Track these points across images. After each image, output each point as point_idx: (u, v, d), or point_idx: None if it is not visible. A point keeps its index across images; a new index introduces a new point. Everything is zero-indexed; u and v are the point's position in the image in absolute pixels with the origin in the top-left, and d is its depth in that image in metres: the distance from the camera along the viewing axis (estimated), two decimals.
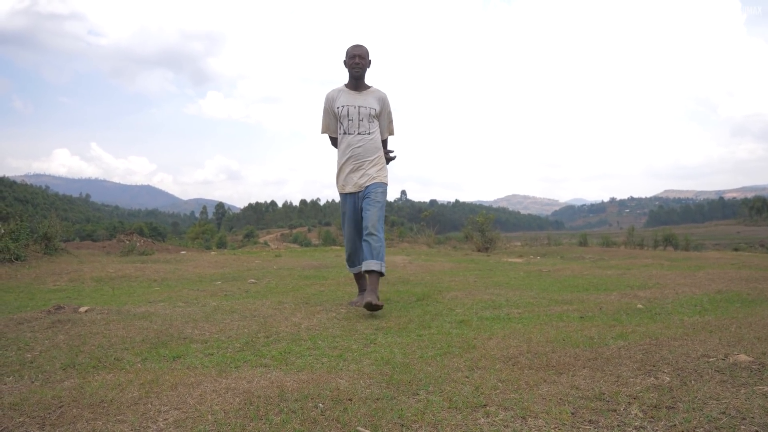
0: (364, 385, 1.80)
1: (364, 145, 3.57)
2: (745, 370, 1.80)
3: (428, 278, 5.49)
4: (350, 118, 3.57)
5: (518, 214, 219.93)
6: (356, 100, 3.60)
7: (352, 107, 3.59)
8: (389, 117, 3.78)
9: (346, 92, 3.64)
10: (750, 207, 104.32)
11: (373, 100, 3.64)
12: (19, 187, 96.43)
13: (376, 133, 3.64)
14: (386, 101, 3.72)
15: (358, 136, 3.57)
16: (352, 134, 3.57)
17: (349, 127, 3.58)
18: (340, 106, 3.60)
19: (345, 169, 3.60)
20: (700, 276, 4.86)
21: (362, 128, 3.58)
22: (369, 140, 3.59)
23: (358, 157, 3.57)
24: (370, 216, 3.47)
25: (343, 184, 3.62)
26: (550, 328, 2.69)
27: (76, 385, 1.84)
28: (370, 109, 3.61)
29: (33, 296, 4.37)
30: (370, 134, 3.60)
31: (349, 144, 3.58)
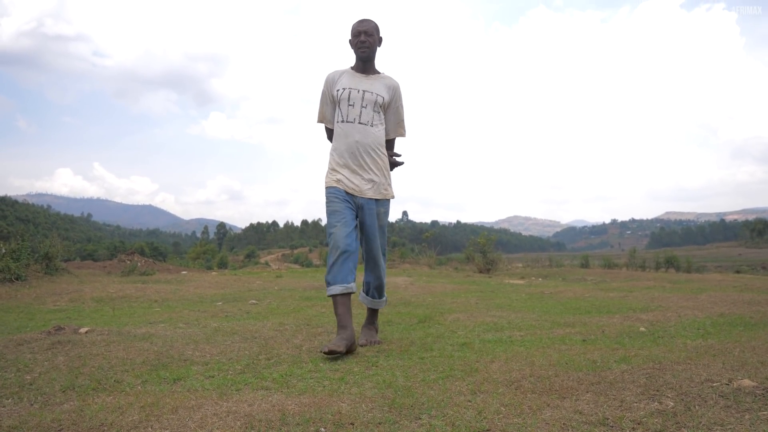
0: (366, 409, 1.78)
1: (366, 140, 2.95)
2: (749, 395, 1.78)
3: (430, 300, 5.48)
4: (351, 103, 2.97)
5: (520, 236, 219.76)
6: (361, 84, 3.01)
7: (355, 91, 2.98)
8: (399, 112, 3.15)
9: (351, 74, 3.06)
10: (751, 229, 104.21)
11: (381, 86, 3.04)
12: (21, 206, 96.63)
13: (381, 128, 3.03)
14: (398, 91, 3.11)
15: (359, 126, 2.95)
16: (351, 122, 2.95)
17: (348, 113, 2.96)
18: (341, 89, 3.00)
19: (340, 169, 2.99)
20: (702, 299, 4.84)
21: (365, 117, 2.96)
22: (372, 134, 2.97)
23: (358, 154, 2.95)
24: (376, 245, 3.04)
25: (339, 180, 2.97)
26: (553, 351, 2.68)
27: (75, 408, 1.83)
28: (378, 96, 3.00)
29: (33, 316, 4.36)
30: (374, 126, 2.98)
31: (346, 134, 2.96)
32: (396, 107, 3.12)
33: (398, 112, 3.14)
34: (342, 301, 2.80)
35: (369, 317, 3.21)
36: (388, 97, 3.05)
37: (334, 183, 2.96)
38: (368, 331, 3.13)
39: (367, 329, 3.15)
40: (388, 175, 3.08)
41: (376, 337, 3.07)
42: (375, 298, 3.17)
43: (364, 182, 2.96)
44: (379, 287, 3.14)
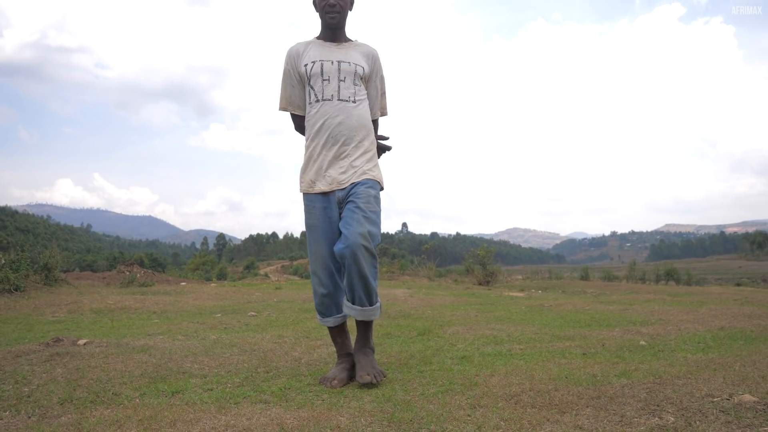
0: (365, 423, 1.78)
1: (347, 119, 2.45)
2: (750, 410, 1.78)
3: (429, 312, 5.46)
4: (325, 77, 2.47)
5: (519, 248, 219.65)
6: (334, 54, 2.51)
7: (329, 62, 2.48)
8: (382, 85, 2.67)
9: (319, 45, 2.55)
10: (751, 242, 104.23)
11: (358, 55, 2.55)
12: (21, 216, 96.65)
13: (363, 104, 2.53)
14: (378, 61, 2.63)
15: (338, 104, 2.45)
16: (329, 100, 2.45)
17: (323, 90, 2.46)
18: (310, 63, 2.49)
19: (318, 158, 2.46)
20: (702, 312, 4.83)
21: (344, 92, 2.46)
22: (354, 111, 2.47)
23: (339, 136, 2.43)
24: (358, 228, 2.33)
25: (313, 180, 2.46)
26: (553, 365, 2.67)
27: (73, 421, 1.82)
28: (356, 66, 2.51)
29: (31, 328, 4.34)
30: (356, 102, 2.48)
31: (323, 115, 2.45)
32: (378, 79, 2.64)
33: (380, 85, 2.66)
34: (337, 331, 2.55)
35: (360, 336, 2.50)
36: (368, 67, 2.57)
37: (309, 187, 2.49)
38: (366, 359, 2.43)
39: (363, 355, 2.44)
40: (373, 158, 2.56)
41: (376, 366, 2.44)
42: (365, 306, 2.41)
43: (341, 171, 2.44)
44: (366, 289, 2.38)
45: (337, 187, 2.43)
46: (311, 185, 2.47)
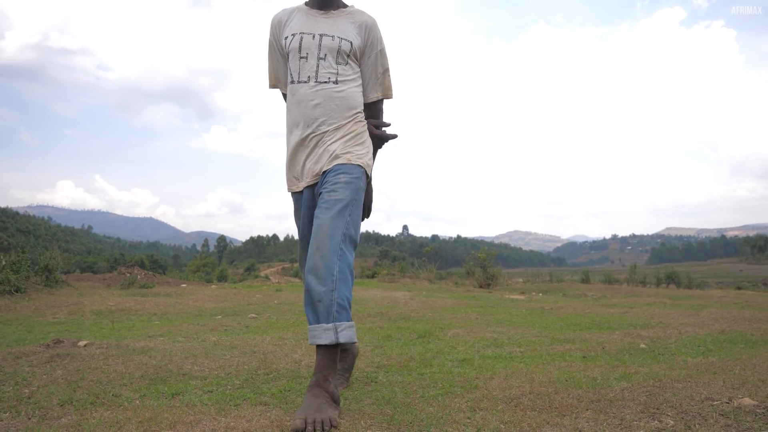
0: (365, 426, 1.78)
1: (325, 102, 2.10)
2: (749, 414, 1.78)
3: (430, 315, 5.46)
4: (303, 54, 2.13)
5: (520, 251, 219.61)
6: (318, 26, 2.16)
7: (309, 36, 2.14)
8: (381, 62, 2.25)
9: (304, 13, 2.21)
10: (752, 245, 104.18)
11: (348, 25, 2.18)
12: (22, 218, 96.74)
13: (349, 84, 2.16)
14: (375, 32, 2.23)
15: (314, 87, 2.11)
16: (305, 83, 2.12)
17: (300, 70, 2.14)
18: (290, 35, 2.18)
19: (297, 152, 2.16)
20: (703, 315, 4.83)
21: (323, 72, 2.11)
22: (336, 93, 2.12)
23: (314, 121, 2.10)
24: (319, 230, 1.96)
25: (296, 177, 2.18)
26: (553, 367, 2.67)
27: (73, 422, 1.82)
28: (341, 41, 2.14)
29: (32, 329, 4.35)
30: (338, 84, 2.12)
31: (299, 100, 2.13)
32: (374, 55, 2.22)
33: (379, 61, 2.24)
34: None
35: (317, 369, 1.94)
36: (359, 40, 2.18)
37: (293, 186, 2.21)
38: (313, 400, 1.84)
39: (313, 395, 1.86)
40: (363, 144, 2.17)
41: (328, 410, 1.79)
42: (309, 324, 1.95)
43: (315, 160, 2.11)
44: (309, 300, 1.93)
45: (313, 180, 2.12)
46: (293, 183, 2.20)
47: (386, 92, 2.28)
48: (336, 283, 1.91)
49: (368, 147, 2.18)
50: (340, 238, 1.96)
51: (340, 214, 1.99)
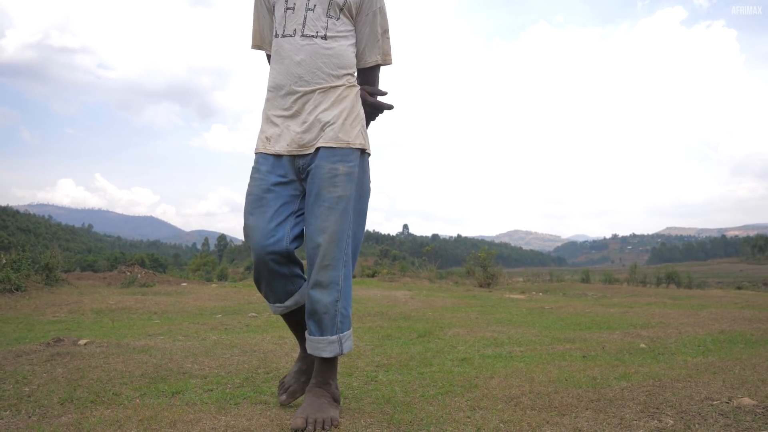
0: (365, 425, 1.78)
1: (311, 58, 1.86)
2: (749, 413, 1.78)
3: (430, 314, 5.47)
4: (290, 5, 1.91)
5: (520, 250, 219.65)
6: None
7: None
8: (381, 21, 2.00)
9: None
10: (752, 245, 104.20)
11: None
12: (22, 216, 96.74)
13: (341, 42, 1.90)
14: None
15: (301, 41, 1.87)
16: (289, 36, 1.89)
17: (286, 23, 1.91)
18: None
19: (273, 115, 1.93)
20: (703, 315, 4.83)
21: (312, 25, 1.88)
22: (324, 49, 1.87)
23: (297, 81, 1.87)
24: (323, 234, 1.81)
25: (268, 137, 1.92)
26: (553, 367, 2.67)
27: (73, 421, 1.82)
28: None
29: (32, 328, 4.35)
30: (327, 40, 1.88)
31: (282, 56, 1.90)
32: (373, 12, 1.97)
33: (378, 20, 1.99)
34: (288, 319, 2.02)
35: (317, 372, 1.90)
36: None
37: (262, 147, 1.93)
38: (314, 399, 1.82)
39: (313, 396, 1.84)
40: (356, 116, 1.92)
41: (329, 410, 1.79)
42: (311, 335, 1.87)
43: (305, 127, 1.86)
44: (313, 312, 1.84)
45: (297, 151, 1.86)
46: (266, 143, 1.91)
47: (386, 57, 2.03)
48: (341, 292, 1.83)
49: (361, 116, 1.95)
50: (345, 242, 1.83)
51: (343, 214, 1.83)
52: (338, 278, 1.83)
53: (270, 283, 1.91)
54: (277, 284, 1.91)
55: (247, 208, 1.90)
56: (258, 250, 1.84)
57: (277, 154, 1.89)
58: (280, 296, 1.94)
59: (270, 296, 1.95)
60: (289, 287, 1.93)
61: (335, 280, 1.82)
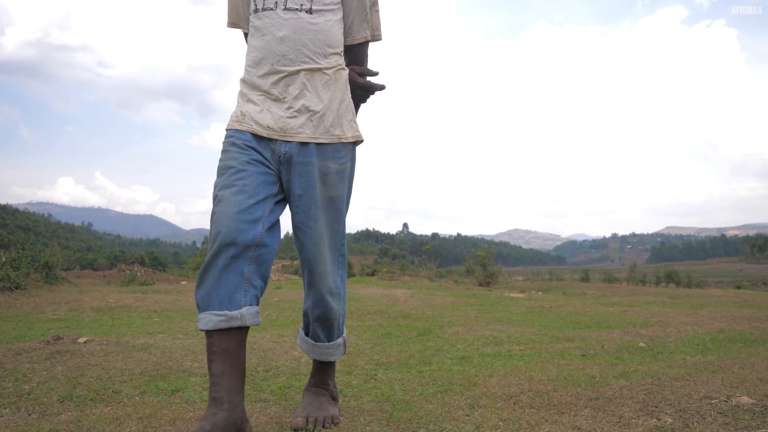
0: (364, 423, 1.78)
1: (294, 35, 1.66)
2: (747, 412, 1.78)
3: (429, 313, 5.47)
4: None
5: (520, 249, 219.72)
6: None
7: None
8: None
9: None
10: (752, 245, 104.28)
11: None
12: (22, 214, 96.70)
13: (327, 17, 1.71)
14: None
15: (284, 14, 1.67)
16: (270, 10, 1.69)
17: None
18: None
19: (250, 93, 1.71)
20: (702, 314, 4.83)
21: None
22: (309, 24, 1.68)
23: (284, 61, 1.65)
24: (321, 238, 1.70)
25: (244, 113, 1.69)
26: (552, 365, 2.67)
27: (73, 419, 1.83)
28: None
29: (32, 326, 4.35)
30: (312, 14, 1.69)
31: (263, 33, 1.69)
32: None
33: None
34: (221, 342, 1.52)
35: (315, 373, 1.89)
36: None
37: (236, 122, 1.68)
38: (314, 399, 1.81)
39: (313, 395, 1.83)
40: (347, 105, 1.75)
41: (329, 408, 1.78)
42: (319, 342, 1.81)
43: (291, 113, 1.65)
44: (326, 320, 1.76)
45: (280, 135, 1.64)
46: (241, 119, 1.68)
47: (375, 32, 1.84)
48: (341, 295, 1.79)
49: (351, 103, 1.78)
50: (340, 242, 1.77)
51: (337, 215, 1.73)
52: (338, 282, 1.78)
53: (221, 278, 1.53)
54: (228, 282, 1.53)
55: (223, 181, 1.62)
56: (230, 230, 1.54)
57: (255, 134, 1.66)
58: (223, 301, 1.52)
59: (212, 298, 1.53)
60: (238, 294, 1.54)
61: (338, 284, 1.77)
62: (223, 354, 1.52)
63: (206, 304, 1.53)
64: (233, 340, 1.53)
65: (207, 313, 1.53)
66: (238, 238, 1.54)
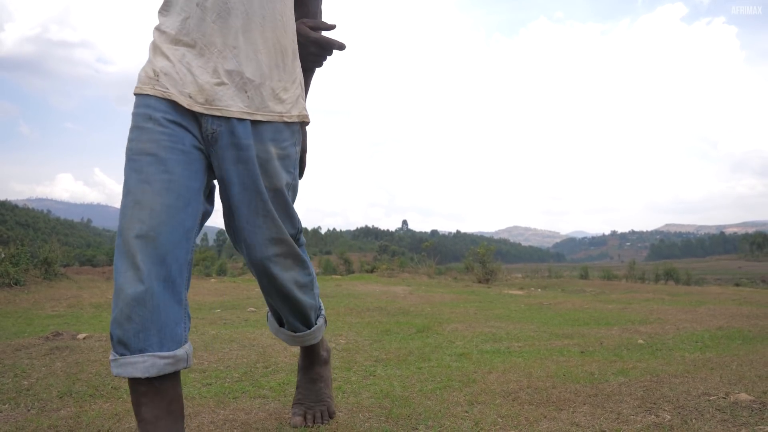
0: (363, 419, 1.78)
1: None
2: (746, 409, 1.78)
3: (428, 309, 5.47)
4: None
5: (519, 246, 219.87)
6: None
7: None
8: None
9: None
10: (751, 242, 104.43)
11: None
12: (21, 211, 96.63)
13: None
14: None
15: None
16: None
17: None
18: None
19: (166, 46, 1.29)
20: (701, 311, 4.84)
21: None
22: None
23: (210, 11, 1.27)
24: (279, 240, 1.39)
25: (156, 71, 1.28)
26: (551, 362, 2.68)
27: (72, 414, 1.83)
28: None
29: (31, 322, 4.35)
30: None
31: None
32: None
33: None
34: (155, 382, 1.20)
35: (305, 357, 1.73)
36: None
37: (148, 86, 1.28)
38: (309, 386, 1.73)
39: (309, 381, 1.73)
40: (293, 72, 1.39)
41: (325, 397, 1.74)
42: (297, 333, 1.59)
43: (217, 79, 1.28)
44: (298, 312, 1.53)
45: (206, 108, 1.28)
46: (153, 81, 1.28)
47: None
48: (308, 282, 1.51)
49: (299, 73, 1.42)
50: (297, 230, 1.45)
51: (286, 208, 1.40)
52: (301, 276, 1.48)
53: (158, 309, 1.19)
54: (167, 314, 1.21)
55: (139, 175, 1.23)
56: (160, 245, 1.20)
57: (170, 97, 1.27)
58: (165, 339, 1.20)
59: (150, 335, 1.18)
60: (179, 327, 1.24)
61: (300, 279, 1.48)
62: (158, 394, 1.21)
63: (143, 343, 1.17)
64: (170, 380, 1.23)
65: (147, 356, 1.17)
66: (171, 255, 1.22)
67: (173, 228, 1.23)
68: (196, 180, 1.30)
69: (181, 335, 1.24)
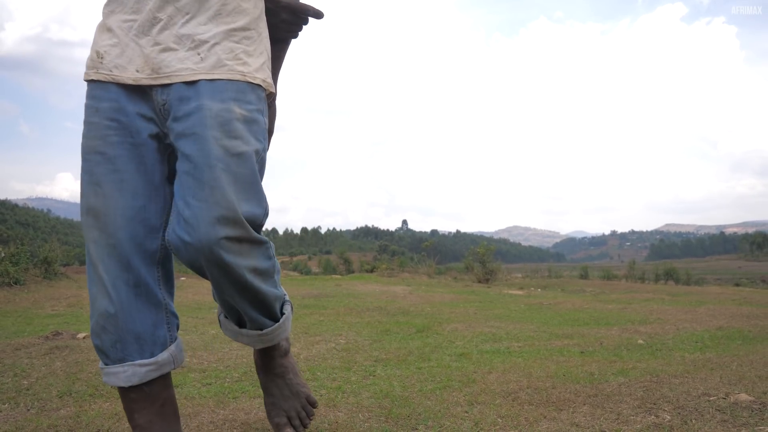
0: (363, 419, 1.78)
1: None
2: (746, 409, 1.78)
3: (428, 309, 5.47)
4: None
5: (519, 246, 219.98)
6: None
7: None
8: None
9: None
10: (751, 242, 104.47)
11: None
12: (21, 210, 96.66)
13: None
14: None
15: None
16: None
17: None
18: None
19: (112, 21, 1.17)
20: (701, 312, 4.84)
21: None
22: None
23: None
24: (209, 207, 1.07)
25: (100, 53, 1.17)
26: (551, 362, 2.68)
27: (72, 414, 1.83)
28: None
29: (31, 321, 4.35)
30: None
31: None
32: None
33: None
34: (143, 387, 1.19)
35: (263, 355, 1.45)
36: None
37: (92, 70, 1.19)
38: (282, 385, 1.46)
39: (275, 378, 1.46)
40: (258, 39, 1.22)
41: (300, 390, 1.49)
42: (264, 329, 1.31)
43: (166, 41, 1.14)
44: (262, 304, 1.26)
45: (151, 78, 1.14)
46: (97, 63, 1.18)
47: None
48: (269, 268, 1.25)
49: (265, 41, 1.24)
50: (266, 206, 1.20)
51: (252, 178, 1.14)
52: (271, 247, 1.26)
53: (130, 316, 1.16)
54: (142, 320, 1.17)
55: (90, 177, 1.16)
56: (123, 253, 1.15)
57: (120, 83, 1.15)
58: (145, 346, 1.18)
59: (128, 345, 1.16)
60: (160, 330, 1.21)
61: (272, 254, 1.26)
62: (148, 399, 1.18)
63: (120, 353, 1.16)
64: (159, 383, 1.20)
65: (126, 366, 1.16)
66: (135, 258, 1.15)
67: (133, 230, 1.16)
68: (155, 173, 1.19)
69: (164, 337, 1.21)
